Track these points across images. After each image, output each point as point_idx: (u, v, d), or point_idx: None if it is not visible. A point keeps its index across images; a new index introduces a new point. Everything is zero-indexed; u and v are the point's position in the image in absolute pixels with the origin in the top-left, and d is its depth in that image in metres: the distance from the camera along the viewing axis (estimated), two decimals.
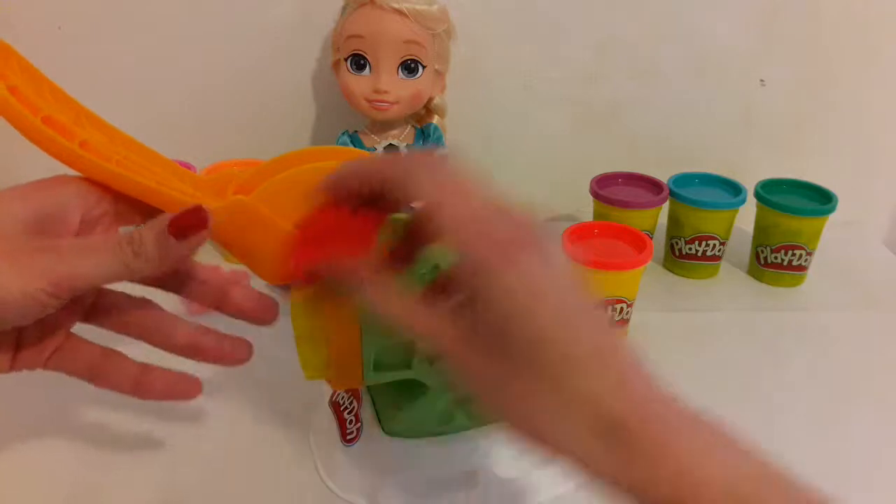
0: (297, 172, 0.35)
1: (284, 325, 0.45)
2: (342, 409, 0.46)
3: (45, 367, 0.36)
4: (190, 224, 0.31)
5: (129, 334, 0.37)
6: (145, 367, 0.37)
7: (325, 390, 0.48)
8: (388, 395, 0.43)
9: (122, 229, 0.34)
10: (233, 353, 0.37)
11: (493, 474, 0.42)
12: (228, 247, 0.36)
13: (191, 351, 0.37)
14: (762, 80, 0.76)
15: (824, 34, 0.74)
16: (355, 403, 0.45)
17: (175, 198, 0.33)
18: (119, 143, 0.35)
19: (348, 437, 0.44)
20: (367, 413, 0.44)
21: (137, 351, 0.37)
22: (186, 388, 0.38)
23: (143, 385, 0.37)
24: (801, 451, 0.31)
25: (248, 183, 0.36)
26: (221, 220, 0.34)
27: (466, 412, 0.42)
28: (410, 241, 0.30)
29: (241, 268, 0.62)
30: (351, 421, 0.44)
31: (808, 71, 0.76)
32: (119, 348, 0.37)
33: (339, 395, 0.47)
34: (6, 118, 0.30)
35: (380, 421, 0.43)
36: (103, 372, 0.37)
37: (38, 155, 0.31)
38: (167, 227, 0.31)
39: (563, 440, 0.24)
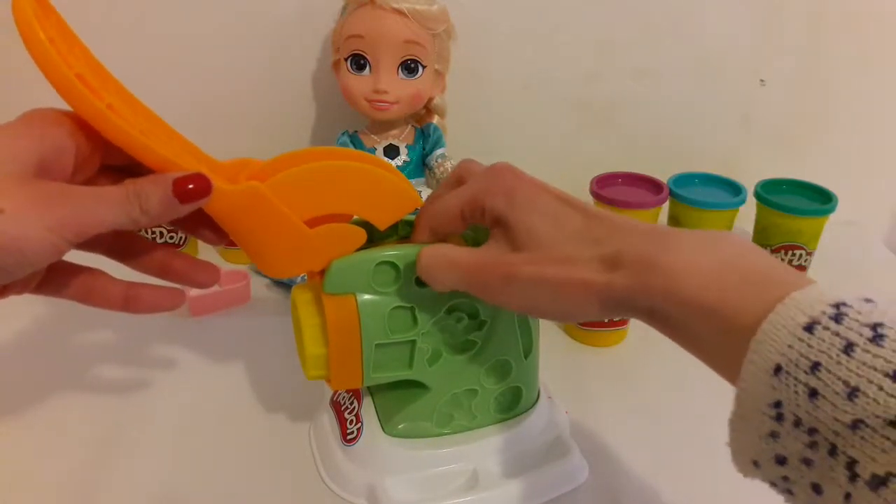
0: (311, 168, 0.35)
1: (285, 325, 0.45)
2: (342, 409, 0.46)
3: (36, 292, 0.36)
4: (194, 189, 0.33)
5: (68, 297, 0.38)
6: (131, 284, 0.38)
7: (325, 390, 0.48)
8: (388, 395, 0.43)
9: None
10: (167, 301, 0.39)
11: (493, 474, 0.42)
12: (235, 234, 0.36)
13: (130, 304, 0.38)
14: (762, 80, 0.76)
15: (824, 34, 0.74)
16: (355, 403, 0.45)
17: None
18: (141, 115, 0.36)
19: (348, 437, 0.44)
20: (367, 413, 0.44)
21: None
22: (172, 298, 0.39)
23: (133, 299, 0.38)
24: None
25: (261, 173, 0.36)
26: (232, 203, 0.34)
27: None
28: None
29: (240, 268, 0.63)
30: (351, 421, 0.44)
31: (808, 71, 0.76)
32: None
33: (339, 395, 0.47)
34: (42, 68, 0.30)
35: (380, 421, 0.43)
36: (94, 291, 0.38)
37: None
38: (172, 188, 0.32)
39: (586, 278, 0.31)
